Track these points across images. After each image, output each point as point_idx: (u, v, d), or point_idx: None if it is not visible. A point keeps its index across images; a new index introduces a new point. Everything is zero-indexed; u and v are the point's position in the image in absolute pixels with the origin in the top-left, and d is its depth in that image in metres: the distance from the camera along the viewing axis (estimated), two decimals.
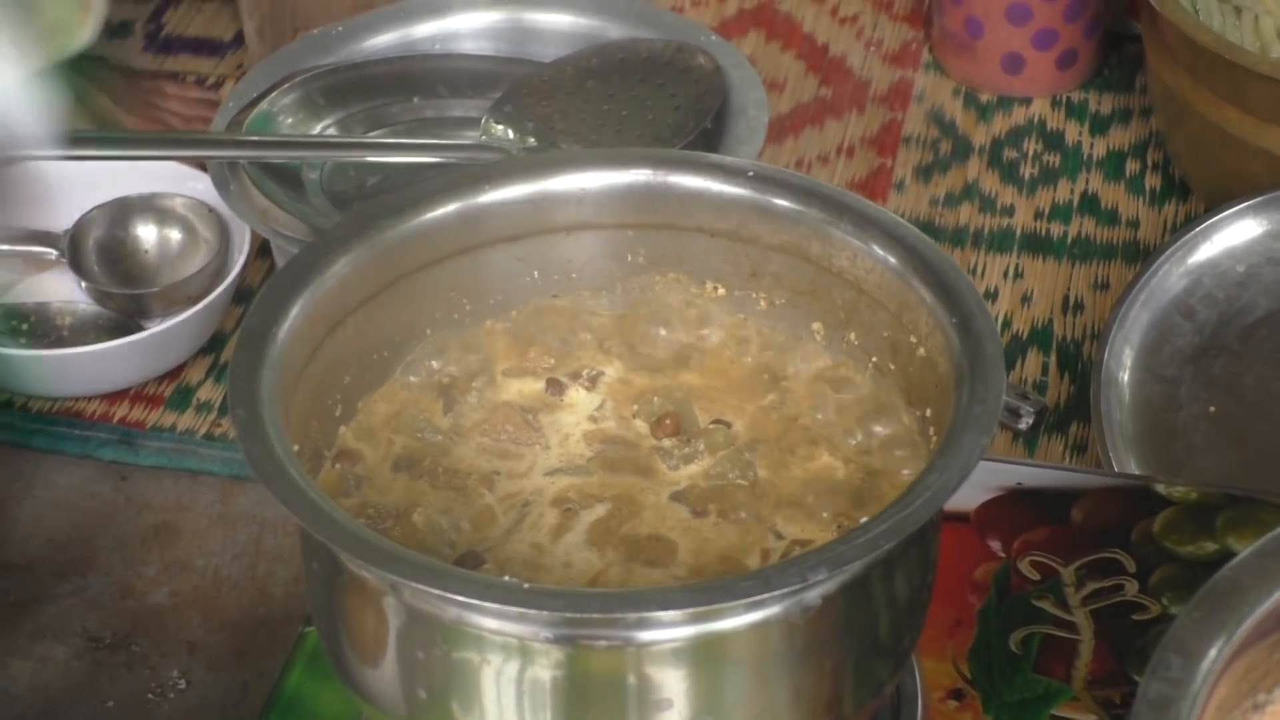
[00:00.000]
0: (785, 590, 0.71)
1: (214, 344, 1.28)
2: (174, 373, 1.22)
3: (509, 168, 0.95)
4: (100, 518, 1.13)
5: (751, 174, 0.94)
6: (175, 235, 1.27)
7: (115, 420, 1.19)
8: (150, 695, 1.02)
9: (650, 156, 0.97)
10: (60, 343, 1.21)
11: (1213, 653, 0.70)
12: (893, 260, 0.88)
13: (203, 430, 1.20)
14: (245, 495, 1.15)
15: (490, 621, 0.73)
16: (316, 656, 0.97)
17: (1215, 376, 1.15)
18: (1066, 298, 1.27)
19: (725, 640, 0.74)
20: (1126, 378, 1.14)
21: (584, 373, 0.92)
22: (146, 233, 1.27)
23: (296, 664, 0.98)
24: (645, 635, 0.73)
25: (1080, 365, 1.21)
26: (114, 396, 1.21)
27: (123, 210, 1.27)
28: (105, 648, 1.05)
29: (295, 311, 0.83)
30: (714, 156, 1.00)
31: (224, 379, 1.26)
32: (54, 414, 1.20)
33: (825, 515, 0.83)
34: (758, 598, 0.72)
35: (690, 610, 0.72)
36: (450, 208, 0.90)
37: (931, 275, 0.85)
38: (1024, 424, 1.12)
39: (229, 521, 1.13)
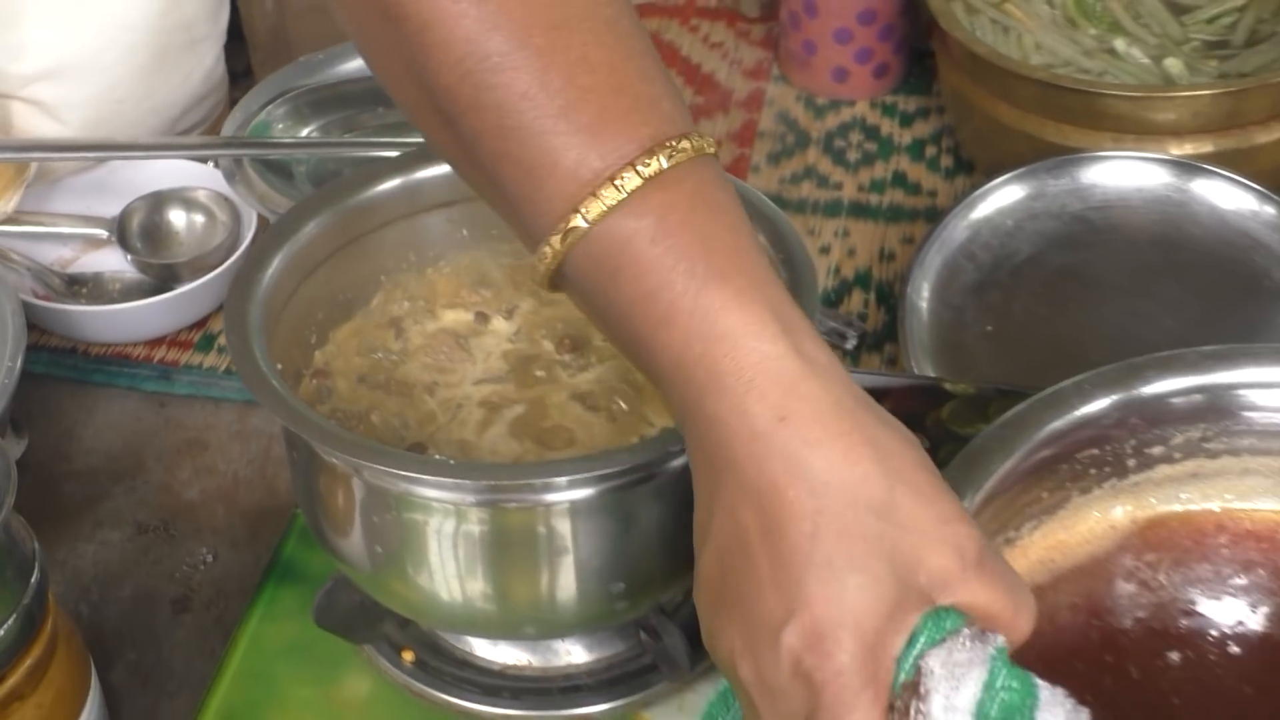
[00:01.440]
0: (657, 451, 0.74)
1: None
2: (200, 323, 1.22)
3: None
4: (145, 435, 1.13)
5: None
6: (198, 218, 1.26)
7: (155, 360, 1.19)
8: (185, 567, 1.02)
9: None
10: (111, 301, 1.20)
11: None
12: None
13: (223, 367, 1.19)
14: (257, 416, 1.14)
15: (430, 491, 0.76)
16: (304, 531, 0.97)
17: (991, 304, 1.15)
18: (882, 249, 1.28)
19: (610, 498, 0.76)
20: (925, 306, 1.14)
21: (503, 307, 0.93)
22: (176, 217, 1.26)
23: (290, 538, 0.98)
24: (549, 498, 0.75)
25: (891, 300, 1.21)
26: (154, 342, 1.20)
27: (157, 201, 1.26)
28: (150, 533, 1.05)
29: (276, 263, 0.84)
30: None
31: None
32: (107, 356, 1.19)
33: None
34: (630, 464, 0.75)
35: (581, 476, 0.75)
36: (395, 181, 0.91)
37: (769, 226, 0.86)
38: (850, 344, 1.12)
39: (245, 436, 1.13)
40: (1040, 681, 0.57)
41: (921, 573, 0.54)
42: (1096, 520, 0.81)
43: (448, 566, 0.78)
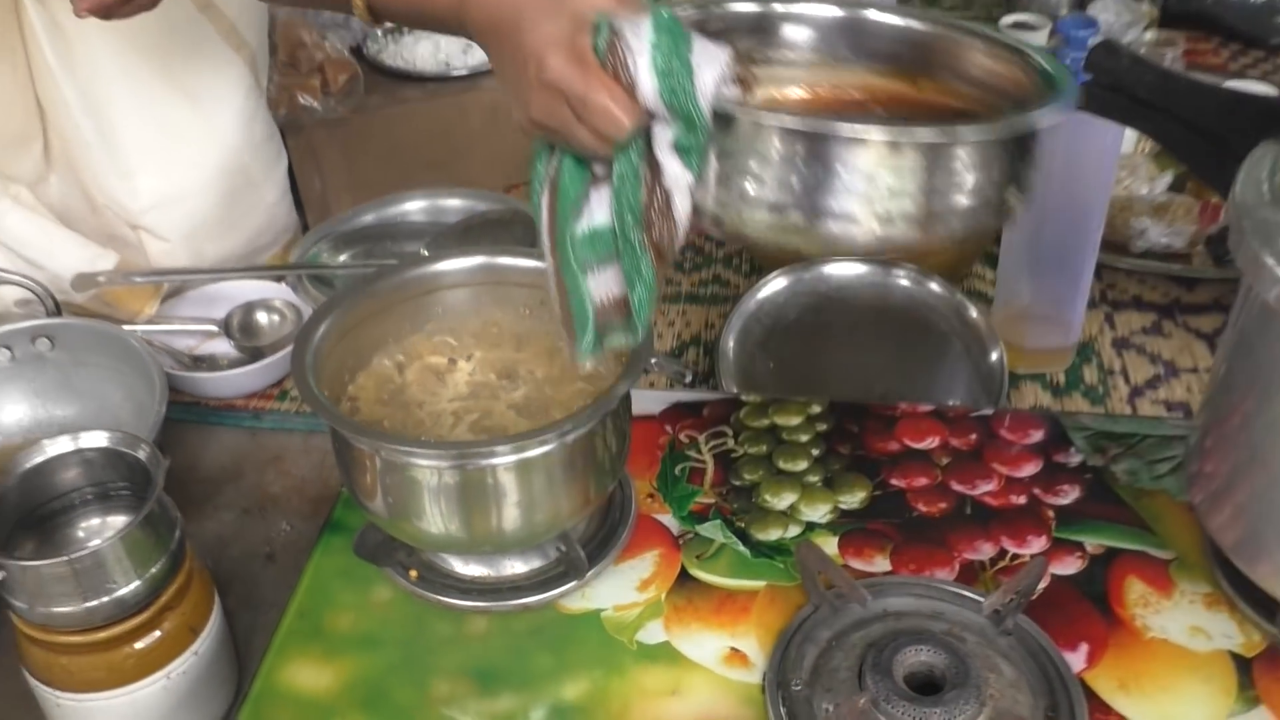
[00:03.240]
0: (555, 434, 0.77)
1: None
2: (277, 383, 1.21)
3: (425, 261, 0.93)
4: (242, 454, 1.13)
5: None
6: (275, 316, 1.25)
7: (249, 408, 1.18)
8: (271, 534, 1.03)
9: (495, 255, 0.94)
10: (220, 370, 1.19)
11: None
12: None
13: (293, 410, 1.18)
14: (314, 439, 1.12)
15: (421, 461, 0.78)
16: (346, 501, 0.97)
17: (770, 349, 1.15)
18: (706, 321, 1.27)
19: (531, 461, 0.78)
20: (731, 353, 1.13)
21: (464, 354, 0.92)
22: (261, 316, 1.24)
23: (338, 506, 0.97)
24: (493, 461, 0.78)
25: (712, 350, 1.19)
26: (248, 396, 1.20)
27: (249, 306, 1.25)
28: (248, 514, 1.05)
29: (321, 330, 0.85)
30: (528, 251, 0.93)
31: None
32: (218, 407, 1.18)
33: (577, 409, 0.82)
34: (541, 435, 0.77)
35: (511, 445, 0.78)
36: (395, 278, 0.91)
37: None
38: (688, 378, 1.12)
39: (307, 452, 1.12)
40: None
41: (582, 6, 0.65)
42: None
43: (433, 508, 0.79)
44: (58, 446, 0.83)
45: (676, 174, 0.64)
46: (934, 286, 1.16)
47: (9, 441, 1.07)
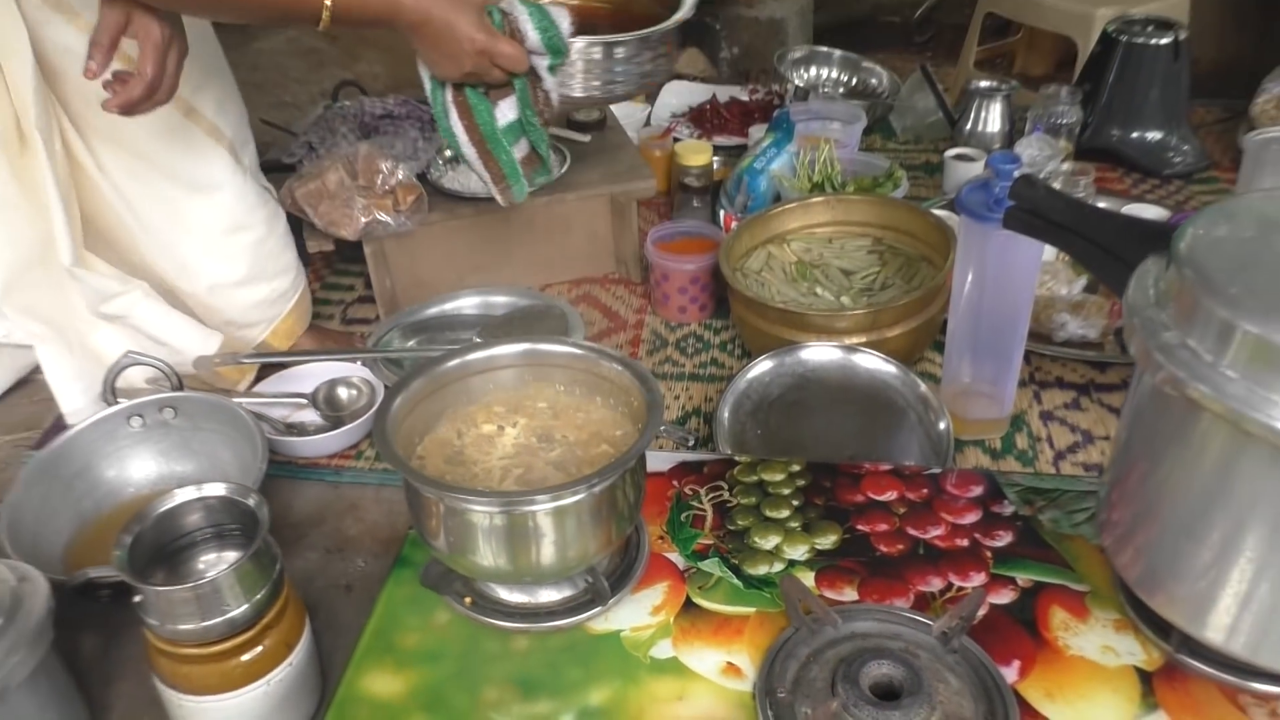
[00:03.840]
0: (585, 486, 0.79)
1: (371, 435, 1.21)
2: (354, 446, 1.21)
3: (479, 347, 0.95)
4: (326, 503, 1.14)
5: (579, 349, 0.94)
6: (353, 391, 1.27)
7: (332, 465, 1.19)
8: (349, 570, 1.04)
9: (537, 342, 0.96)
10: (308, 435, 1.20)
11: None
12: (626, 373, 0.90)
13: (368, 467, 1.18)
14: (386, 491, 1.14)
15: (476, 506, 0.80)
16: (414, 541, 0.99)
17: (758, 419, 1.16)
18: (705, 396, 1.26)
19: (564, 508, 0.80)
20: (726, 421, 1.15)
21: (511, 422, 0.93)
22: (341, 391, 1.26)
23: (406, 546, 0.99)
24: (533, 508, 0.80)
25: (710, 419, 1.20)
26: (331, 456, 1.20)
27: (332, 383, 1.26)
28: (330, 553, 1.07)
29: (397, 402, 0.88)
30: (564, 340, 0.96)
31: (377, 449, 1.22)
32: (307, 465, 1.19)
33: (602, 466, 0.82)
34: (573, 487, 0.80)
35: (549, 495, 0.80)
36: (453, 362, 0.93)
37: (647, 384, 0.87)
38: (691, 443, 1.11)
39: (379, 502, 1.13)
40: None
41: (475, 2, 0.98)
42: None
43: (485, 546, 0.82)
44: (185, 494, 0.87)
45: (551, 83, 1.05)
46: (892, 368, 1.18)
47: (139, 493, 1.11)
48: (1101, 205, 1.38)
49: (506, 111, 1.04)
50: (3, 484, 1.17)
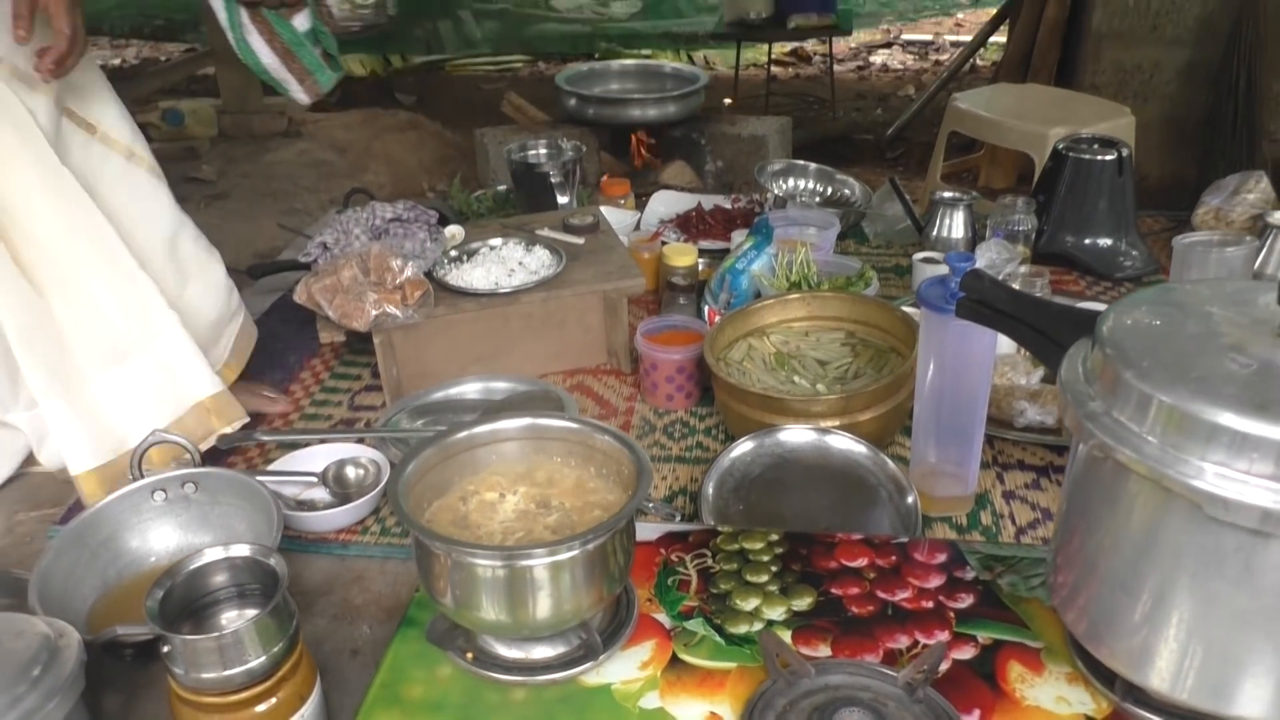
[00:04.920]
0: (579, 542, 0.85)
1: (377, 510, 1.29)
2: (361, 521, 1.26)
3: (485, 422, 1.01)
4: (334, 574, 1.18)
5: (574, 423, 1.02)
6: (360, 470, 1.32)
7: (339, 540, 1.23)
8: (355, 636, 1.08)
9: (537, 417, 1.03)
10: (317, 510, 1.24)
11: None
12: (616, 443, 0.97)
13: (374, 541, 1.22)
14: (390, 564, 1.18)
15: (480, 560, 0.86)
16: (419, 601, 1.04)
17: (740, 495, 1.21)
18: (691, 476, 1.32)
19: (559, 562, 0.86)
20: (711, 497, 1.19)
21: (511, 490, 0.99)
22: (349, 470, 1.31)
23: (412, 606, 1.04)
24: (531, 561, 0.85)
25: (696, 497, 1.24)
26: (339, 531, 1.24)
27: (341, 463, 1.31)
28: (337, 620, 1.11)
29: (408, 470, 0.94)
30: (562, 415, 1.03)
31: (383, 524, 1.27)
32: (315, 539, 1.23)
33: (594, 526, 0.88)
34: (568, 543, 0.86)
35: (546, 549, 0.85)
36: (461, 434, 1.00)
37: (630, 450, 0.95)
38: (676, 520, 1.15)
39: (384, 574, 1.17)
40: None
41: None
42: None
43: (488, 599, 0.87)
44: (213, 554, 0.94)
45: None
46: (863, 448, 1.25)
47: (160, 563, 1.16)
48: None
49: (301, 23, 1.26)
50: (29, 556, 1.23)
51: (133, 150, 1.30)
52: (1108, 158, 1.82)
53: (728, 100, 3.63)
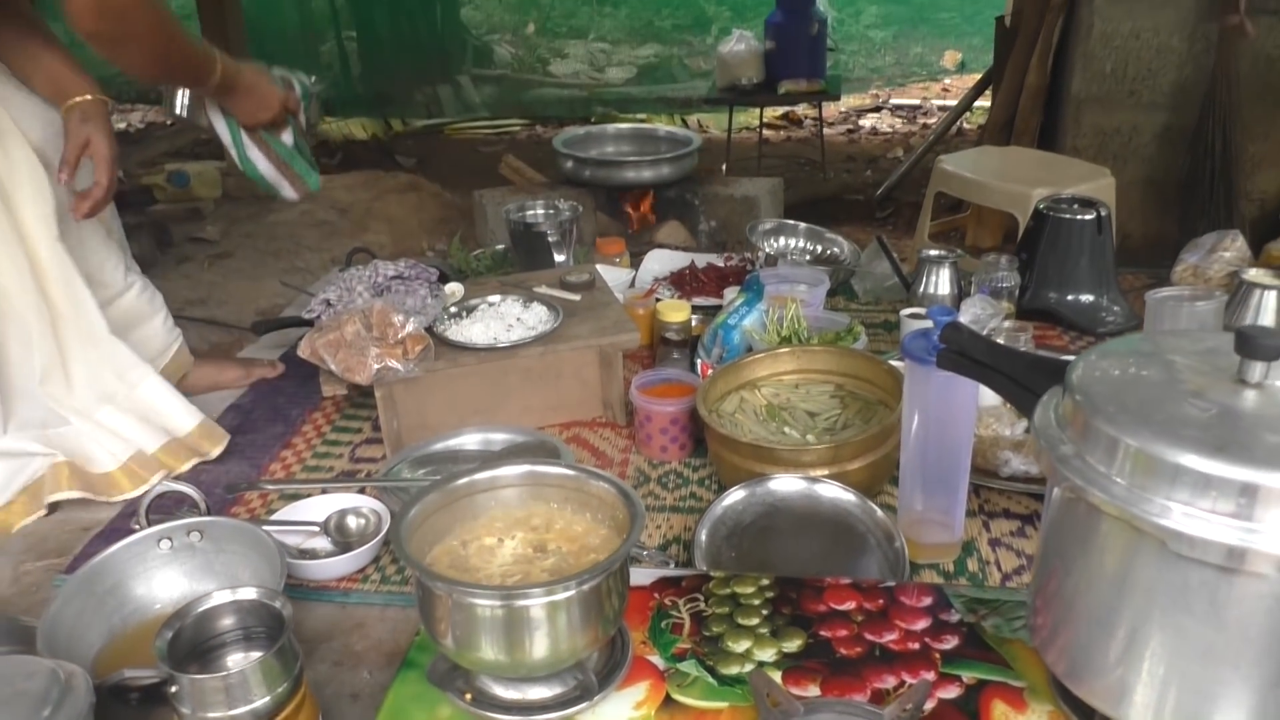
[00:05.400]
0: (575, 583, 0.88)
1: (378, 559, 1.31)
2: (362, 569, 1.28)
3: (484, 469, 1.05)
4: (335, 621, 1.20)
5: (570, 470, 1.06)
6: (361, 520, 1.34)
7: (340, 588, 1.25)
8: (355, 681, 1.10)
9: (535, 464, 1.07)
10: (319, 559, 1.26)
11: None
12: (610, 489, 1.01)
13: (374, 589, 1.25)
14: (391, 611, 1.21)
15: (480, 600, 0.89)
16: (419, 645, 1.07)
17: (732, 543, 1.24)
18: (684, 526, 1.34)
19: (556, 603, 0.89)
20: (704, 544, 1.23)
21: (509, 535, 1.03)
22: (350, 520, 1.34)
23: (412, 649, 1.07)
24: (528, 601, 0.88)
25: (691, 543, 1.25)
26: (340, 579, 1.26)
27: (343, 512, 1.34)
28: (338, 665, 1.13)
29: (411, 514, 0.98)
30: (558, 461, 1.06)
31: (383, 572, 1.29)
32: (317, 586, 1.25)
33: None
34: (564, 583, 0.89)
35: (543, 589, 0.88)
36: (462, 480, 1.03)
37: (624, 496, 0.98)
38: (671, 565, 1.19)
39: (385, 621, 1.20)
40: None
41: (270, 75, 1.52)
42: None
43: (488, 639, 0.90)
44: (221, 597, 0.98)
45: (309, 120, 1.60)
46: (852, 497, 1.29)
47: (164, 610, 1.18)
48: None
49: (286, 139, 1.58)
50: (35, 605, 1.26)
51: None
52: (1087, 217, 1.89)
53: (723, 166, 3.73)
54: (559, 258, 2.07)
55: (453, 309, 1.66)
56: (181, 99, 1.44)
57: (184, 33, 1.31)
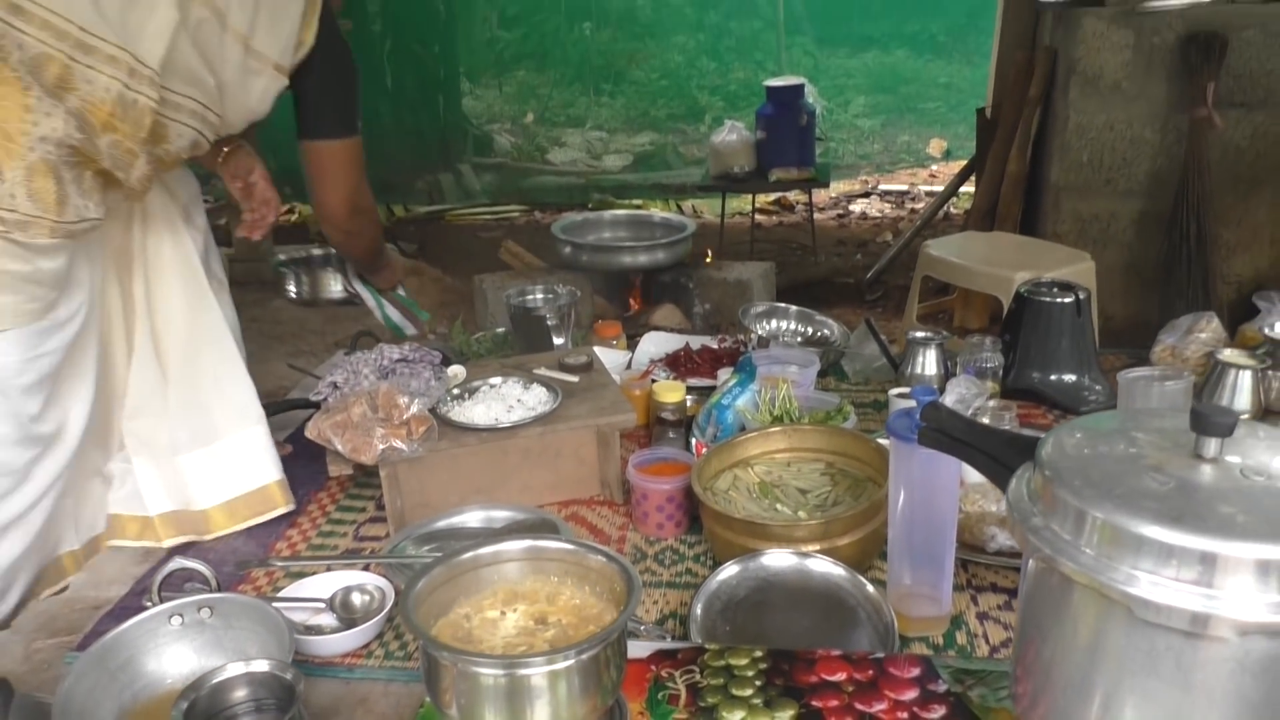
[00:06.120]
0: (574, 652, 0.92)
1: (381, 635, 1.33)
2: (366, 645, 1.30)
3: (488, 543, 1.07)
4: (341, 696, 1.22)
5: (570, 544, 1.09)
6: (366, 596, 1.37)
7: (345, 664, 1.27)
8: None
9: (536, 539, 1.09)
10: (324, 635, 1.29)
11: None
12: (608, 563, 1.04)
13: (378, 665, 1.27)
14: (394, 686, 1.23)
15: (484, 669, 0.92)
16: (427, 714, 1.09)
17: (727, 616, 1.26)
18: (680, 601, 1.36)
19: (556, 671, 0.92)
20: (699, 618, 1.25)
21: (512, 608, 1.04)
22: (355, 596, 1.37)
23: (419, 718, 1.09)
24: (530, 670, 0.92)
25: (688, 617, 1.27)
26: (344, 654, 1.28)
27: (348, 589, 1.37)
28: None
29: (418, 587, 0.99)
30: (559, 536, 1.09)
31: (387, 647, 1.32)
32: (322, 662, 1.27)
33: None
34: (564, 653, 0.92)
35: (544, 658, 0.92)
36: (467, 555, 1.05)
37: (621, 569, 1.01)
38: (667, 640, 1.22)
39: (389, 695, 1.22)
40: None
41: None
42: None
43: (491, 708, 0.92)
44: (235, 669, 1.02)
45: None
46: (842, 571, 1.33)
47: (175, 686, 1.20)
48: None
49: (401, 292, 2.00)
50: (47, 681, 1.29)
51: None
52: (1066, 300, 1.97)
53: (708, 254, 3.82)
54: (558, 340, 2.14)
55: (455, 390, 1.73)
56: (350, 276, 1.92)
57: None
